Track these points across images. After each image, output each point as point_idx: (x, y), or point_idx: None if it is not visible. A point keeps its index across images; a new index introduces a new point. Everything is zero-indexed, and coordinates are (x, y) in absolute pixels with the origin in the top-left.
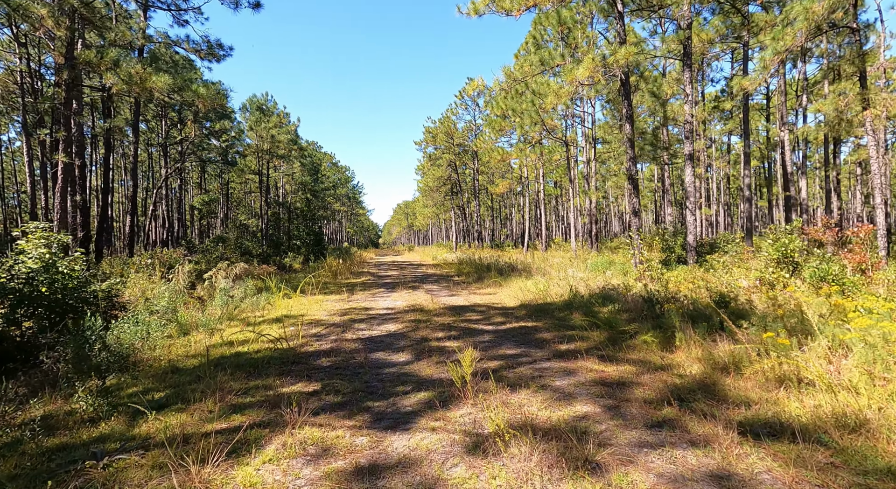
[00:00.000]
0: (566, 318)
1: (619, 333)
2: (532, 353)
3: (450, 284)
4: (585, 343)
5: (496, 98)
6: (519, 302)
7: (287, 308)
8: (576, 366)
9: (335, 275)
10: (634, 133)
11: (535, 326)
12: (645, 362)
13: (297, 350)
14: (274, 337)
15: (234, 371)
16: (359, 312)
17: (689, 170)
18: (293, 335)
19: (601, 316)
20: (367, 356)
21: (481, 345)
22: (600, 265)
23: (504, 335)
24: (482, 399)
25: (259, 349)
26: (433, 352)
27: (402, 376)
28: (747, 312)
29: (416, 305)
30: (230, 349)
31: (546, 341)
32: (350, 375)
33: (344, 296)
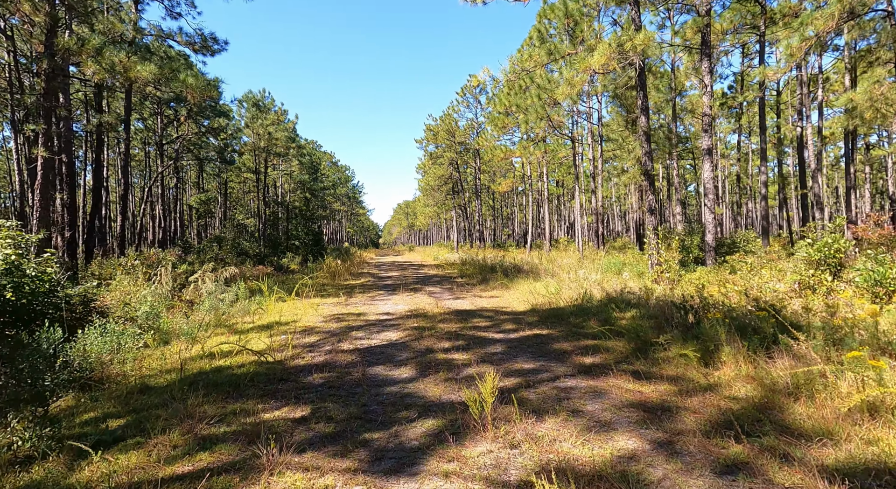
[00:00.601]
0: (582, 325)
1: (645, 344)
2: (552, 368)
3: (453, 286)
4: (610, 355)
5: (498, 95)
6: (529, 306)
7: (280, 313)
8: (606, 384)
9: (334, 277)
10: (650, 126)
11: (549, 335)
12: (685, 380)
13: (286, 364)
14: (260, 349)
15: (210, 391)
16: (357, 318)
17: (708, 165)
18: (282, 345)
19: (622, 323)
20: (365, 371)
21: (493, 358)
22: (613, 266)
23: (517, 345)
24: (503, 431)
25: (243, 363)
26: (440, 367)
27: (406, 398)
28: (802, 322)
29: (419, 310)
30: (211, 363)
31: (565, 353)
32: (345, 396)
33: (342, 299)
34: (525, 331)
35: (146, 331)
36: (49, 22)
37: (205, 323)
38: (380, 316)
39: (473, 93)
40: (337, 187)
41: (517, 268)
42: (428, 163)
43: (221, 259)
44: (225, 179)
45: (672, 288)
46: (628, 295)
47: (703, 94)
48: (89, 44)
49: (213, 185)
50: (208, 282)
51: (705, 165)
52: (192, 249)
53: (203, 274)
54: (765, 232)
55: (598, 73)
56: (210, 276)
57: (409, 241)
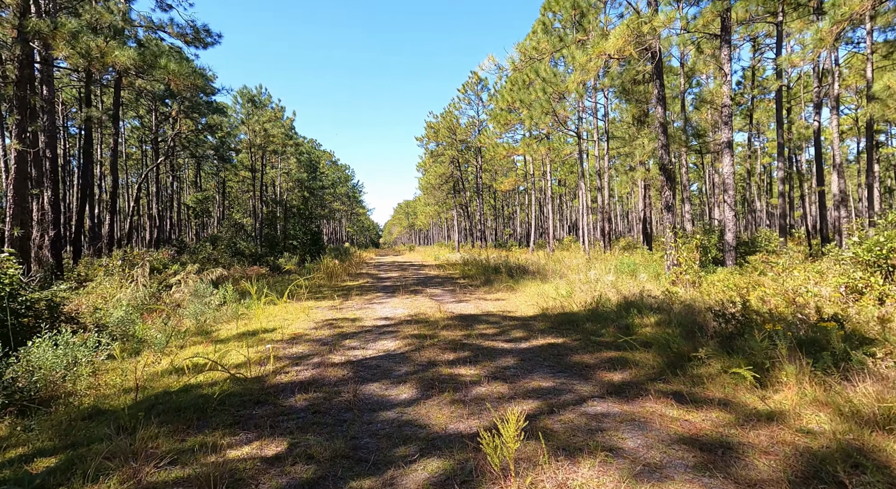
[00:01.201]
0: (600, 333)
1: (679, 357)
2: (576, 387)
3: (455, 288)
4: (640, 371)
5: (501, 91)
6: (538, 310)
7: (269, 318)
8: (644, 410)
9: (331, 278)
10: (667, 117)
11: (565, 344)
12: (738, 406)
13: (266, 381)
14: (239, 362)
15: (171, 417)
16: (351, 324)
17: (728, 159)
18: (265, 357)
19: (645, 332)
20: (358, 390)
21: (505, 374)
22: (626, 266)
23: (530, 357)
24: (529, 481)
25: (217, 379)
26: (444, 385)
27: (405, 427)
28: (872, 335)
29: (419, 314)
30: (179, 379)
31: (588, 367)
32: (332, 424)
33: (337, 303)
34: (537, 340)
35: (116, 340)
36: (21, 4)
37: (184, 330)
38: (377, 321)
39: (475, 90)
40: (336, 186)
41: (522, 269)
42: (429, 161)
43: (215, 259)
44: (223, 178)
45: (694, 291)
46: (648, 299)
47: (722, 83)
48: (64, 27)
49: (211, 185)
50: (192, 285)
51: (725, 159)
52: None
53: (187, 275)
54: (782, 231)
55: (614, 58)
56: (193, 278)
57: (409, 241)
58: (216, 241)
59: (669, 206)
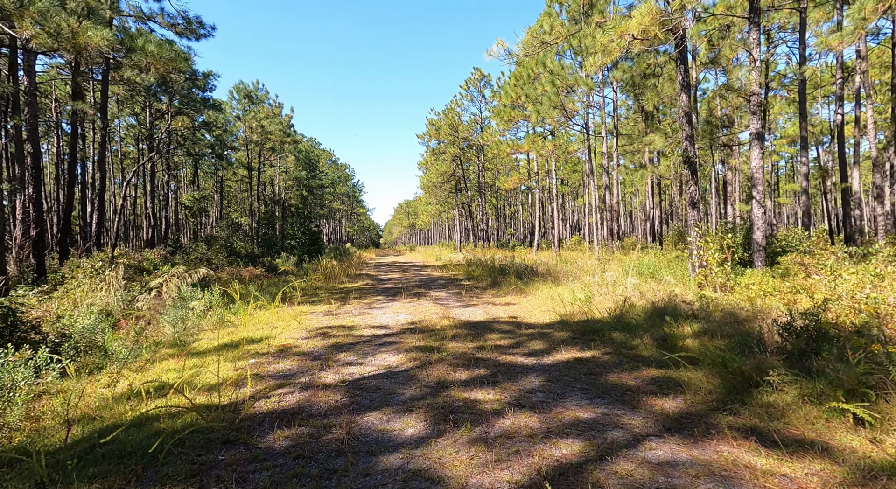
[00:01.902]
0: (632, 345)
1: (738, 379)
2: (623, 419)
3: (460, 291)
4: (696, 397)
5: (504, 87)
6: (555, 316)
7: (257, 325)
8: (722, 457)
9: (328, 279)
10: (692, 105)
11: (595, 359)
12: (845, 454)
13: (242, 411)
14: (216, 382)
15: (110, 467)
16: (348, 333)
17: (757, 152)
18: (245, 376)
19: (687, 345)
20: (352, 423)
21: (532, 399)
22: (645, 267)
23: (558, 376)
24: None
25: (182, 407)
26: (460, 416)
27: (413, 480)
28: None
29: (423, 321)
30: (137, 407)
31: (630, 391)
32: (317, 478)
33: (333, 307)
34: (561, 354)
35: (80, 353)
36: None
37: (159, 341)
38: (376, 330)
39: (478, 86)
40: (336, 186)
41: (531, 271)
42: (430, 159)
43: (207, 260)
44: (221, 177)
45: (728, 295)
46: (681, 305)
47: (751, 69)
48: (32, 5)
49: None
50: (173, 288)
51: (754, 152)
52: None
53: (169, 278)
54: (806, 229)
55: (637, 39)
56: (175, 282)
57: (410, 241)
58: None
59: (695, 202)
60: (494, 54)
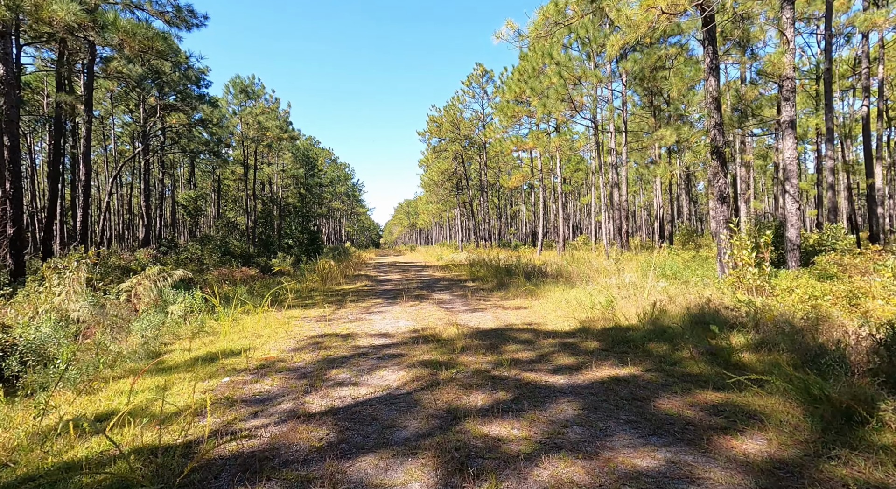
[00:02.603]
0: (674, 359)
1: (830, 409)
2: (698, 471)
3: (466, 293)
4: (785, 437)
5: (508, 82)
6: (575, 323)
7: (242, 332)
8: None
9: (325, 281)
10: (720, 89)
11: (636, 378)
12: None
13: (197, 456)
14: (173, 410)
15: None
16: (342, 343)
17: (790, 141)
18: (217, 399)
19: (742, 359)
20: (339, 474)
21: (569, 436)
22: (668, 268)
23: (595, 401)
24: None
25: (125, 447)
26: (479, 462)
27: None
28: None
29: (428, 329)
30: (64, 449)
31: (693, 425)
32: None
33: (328, 311)
34: (594, 370)
35: (27, 367)
36: None
37: (124, 352)
38: (374, 339)
39: (480, 82)
40: (336, 185)
41: (540, 272)
42: (431, 157)
43: (199, 260)
44: (218, 176)
45: (769, 299)
46: (724, 311)
47: (784, 51)
48: None
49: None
50: (143, 292)
51: (787, 142)
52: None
53: (141, 280)
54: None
55: (665, 13)
56: (147, 285)
57: (410, 241)
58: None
59: (724, 197)
60: (503, 36)
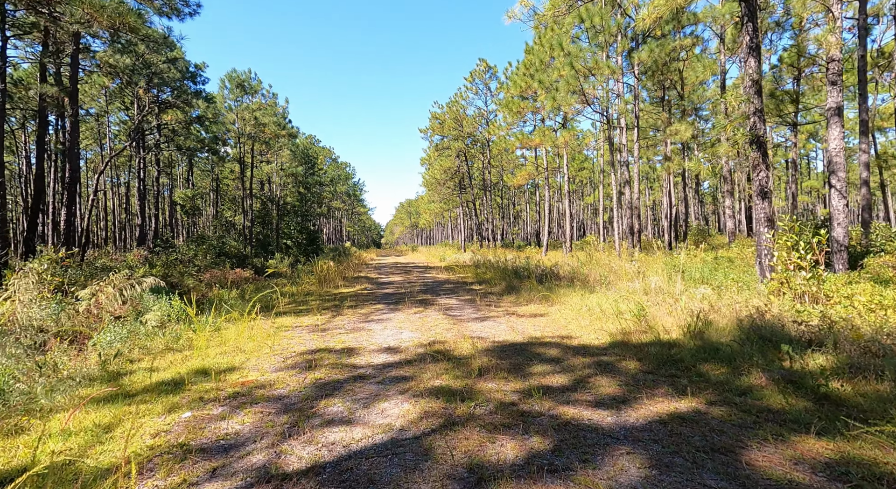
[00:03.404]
0: (739, 386)
1: None
2: None
3: (474, 297)
4: None
5: (512, 77)
6: (605, 336)
7: (222, 347)
8: None
9: (323, 283)
10: (761, 73)
11: (702, 415)
12: None
13: None
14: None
15: None
16: (336, 361)
17: (837, 130)
18: (169, 445)
19: (841, 394)
20: None
21: None
22: (698, 271)
23: (660, 450)
24: None
25: None
26: None
27: None
28: None
29: (436, 342)
30: None
31: None
32: None
33: (323, 319)
34: (646, 403)
35: None
36: None
37: (81, 373)
38: (374, 356)
39: (483, 78)
40: (336, 184)
41: (552, 274)
42: (433, 154)
43: (190, 261)
44: (216, 175)
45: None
46: (792, 325)
47: (830, 30)
48: None
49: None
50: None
51: (833, 131)
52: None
53: (104, 286)
54: (865, 225)
55: None
56: (111, 291)
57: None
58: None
59: (765, 192)
60: (516, 15)
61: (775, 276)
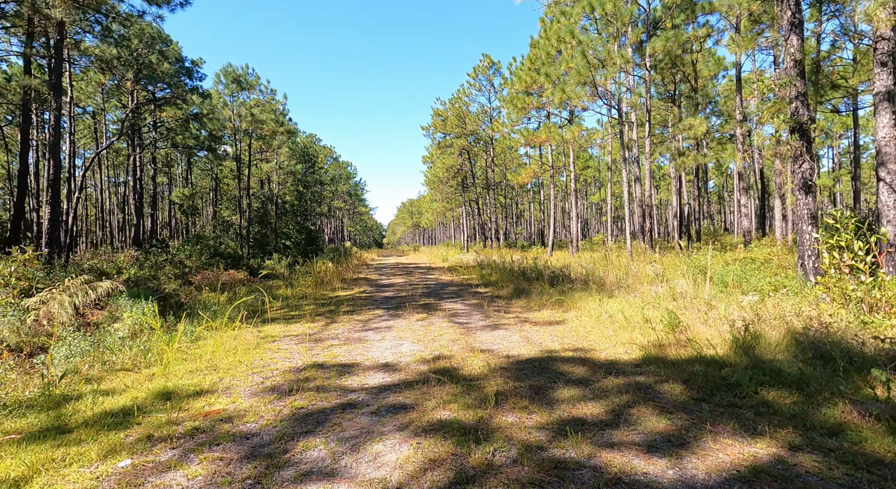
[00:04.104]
0: (822, 422)
1: None
2: None
3: (480, 301)
4: None
5: (517, 71)
6: (635, 349)
7: (194, 363)
8: None
9: (319, 285)
10: (804, 52)
11: (787, 466)
12: None
13: None
14: None
15: None
16: (325, 383)
17: (886, 117)
18: None
19: None
20: None
21: None
22: (731, 274)
23: None
24: None
25: None
26: None
27: None
28: None
29: (442, 358)
30: None
31: None
32: None
33: (316, 328)
34: (710, 446)
35: None
36: None
37: (20, 398)
38: (369, 376)
39: (487, 74)
40: (338, 184)
41: (564, 277)
42: (435, 152)
43: (179, 262)
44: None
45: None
46: (873, 341)
47: (883, 2)
48: None
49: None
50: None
51: (881, 118)
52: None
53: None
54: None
55: None
56: (64, 299)
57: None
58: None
59: (808, 185)
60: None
61: (821, 280)
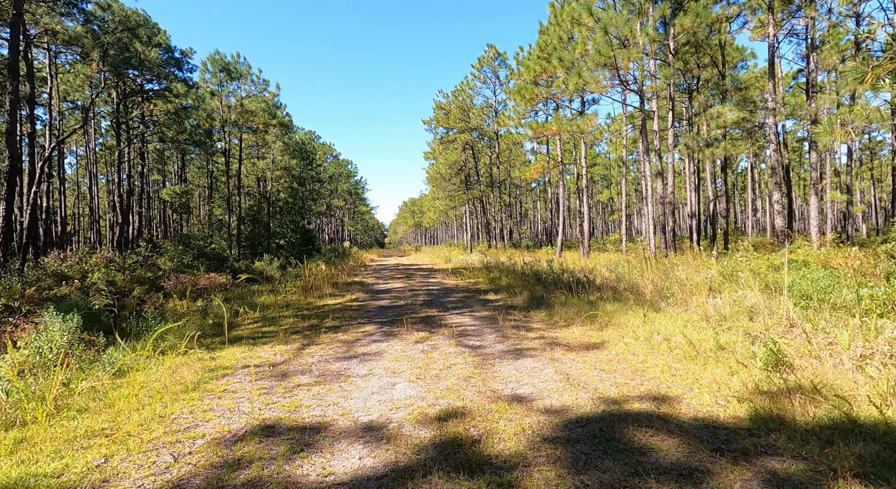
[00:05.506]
0: None
1: None
2: None
3: (493, 313)
4: None
5: (524, 61)
6: (730, 400)
7: (86, 419)
8: None
9: (307, 292)
10: None
11: None
12: None
13: None
14: None
15: None
16: (270, 463)
17: None
18: None
19: None
20: None
21: None
22: (811, 284)
23: None
24: None
25: None
26: None
27: None
28: None
29: (451, 412)
30: None
31: None
32: None
33: (288, 352)
34: None
35: None
36: None
37: None
38: (340, 458)
39: (492, 65)
40: (337, 182)
41: (588, 283)
42: (438, 148)
43: (153, 264)
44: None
45: None
46: None
47: None
48: None
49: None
50: None
51: None
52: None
53: None
54: None
55: None
56: None
57: (415, 241)
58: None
59: None
60: None
61: None
